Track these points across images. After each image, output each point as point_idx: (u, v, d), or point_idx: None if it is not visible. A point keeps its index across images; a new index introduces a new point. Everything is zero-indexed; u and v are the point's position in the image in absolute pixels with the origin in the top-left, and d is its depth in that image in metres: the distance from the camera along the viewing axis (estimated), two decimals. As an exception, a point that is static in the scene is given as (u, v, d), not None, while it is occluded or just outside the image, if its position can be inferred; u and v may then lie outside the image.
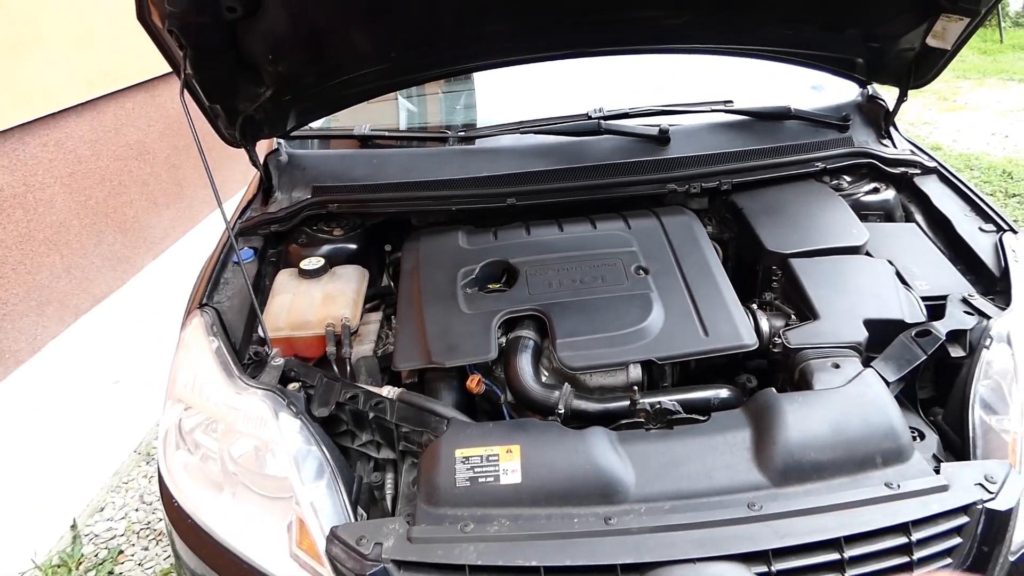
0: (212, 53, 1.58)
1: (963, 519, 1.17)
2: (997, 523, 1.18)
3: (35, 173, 2.97)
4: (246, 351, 1.64)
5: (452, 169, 2.04)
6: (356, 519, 1.33)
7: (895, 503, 1.17)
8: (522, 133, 2.12)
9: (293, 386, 1.54)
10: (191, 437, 1.50)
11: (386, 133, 2.23)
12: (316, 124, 2.28)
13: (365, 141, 2.21)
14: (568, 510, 1.21)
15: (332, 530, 1.23)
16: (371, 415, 1.46)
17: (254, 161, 2.00)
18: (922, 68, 2.01)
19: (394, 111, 2.55)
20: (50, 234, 3.06)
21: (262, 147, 2.15)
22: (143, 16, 1.44)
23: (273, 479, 1.37)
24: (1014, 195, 4.82)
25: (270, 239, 2.03)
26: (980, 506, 1.17)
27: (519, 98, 2.41)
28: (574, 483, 1.23)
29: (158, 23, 1.46)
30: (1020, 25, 10.41)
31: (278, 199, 2.06)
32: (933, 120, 6.63)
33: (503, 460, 1.27)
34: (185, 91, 1.56)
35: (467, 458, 1.28)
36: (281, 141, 2.20)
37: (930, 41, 1.91)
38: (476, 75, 2.46)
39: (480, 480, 1.25)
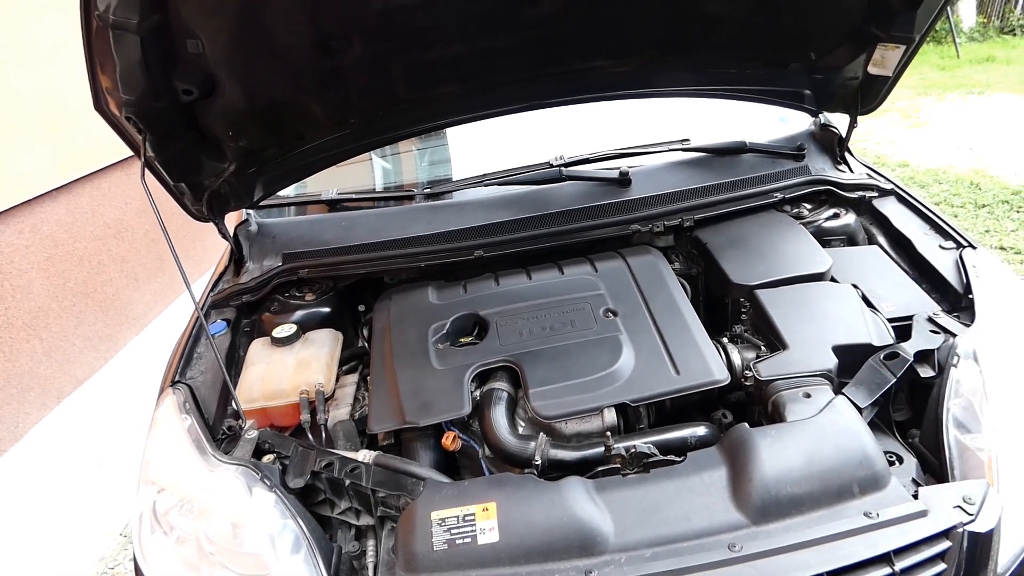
0: (172, 135, 1.61)
1: (945, 544, 1.16)
2: (980, 545, 1.17)
3: (11, 260, 2.98)
4: (220, 426, 1.62)
5: (420, 226, 2.06)
6: (335, 592, 1.30)
7: (875, 533, 1.15)
8: (486, 185, 2.15)
9: (268, 458, 1.52)
10: (166, 519, 1.47)
11: (353, 195, 2.26)
12: (288, 191, 2.31)
13: (334, 205, 2.24)
14: (548, 566, 1.19)
15: None
16: (347, 482, 1.44)
17: (223, 233, 2.01)
18: (868, 95, 2.07)
19: (369, 171, 2.58)
20: (29, 319, 3.05)
21: (233, 218, 2.17)
22: (100, 106, 1.47)
23: (250, 556, 1.34)
24: (983, 206, 4.88)
25: (243, 309, 2.03)
26: (961, 529, 1.16)
27: (487, 151, 2.44)
28: (552, 537, 1.22)
29: (115, 111, 1.48)
30: (975, 40, 10.75)
31: (249, 269, 2.07)
32: (898, 138, 6.76)
33: (480, 519, 1.25)
34: (148, 173, 1.58)
35: (443, 520, 1.26)
36: (251, 211, 2.22)
37: (871, 69, 1.98)
38: (448, 131, 2.50)
39: (458, 542, 1.23)
